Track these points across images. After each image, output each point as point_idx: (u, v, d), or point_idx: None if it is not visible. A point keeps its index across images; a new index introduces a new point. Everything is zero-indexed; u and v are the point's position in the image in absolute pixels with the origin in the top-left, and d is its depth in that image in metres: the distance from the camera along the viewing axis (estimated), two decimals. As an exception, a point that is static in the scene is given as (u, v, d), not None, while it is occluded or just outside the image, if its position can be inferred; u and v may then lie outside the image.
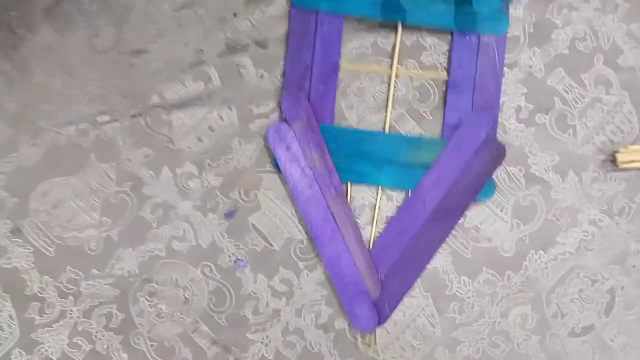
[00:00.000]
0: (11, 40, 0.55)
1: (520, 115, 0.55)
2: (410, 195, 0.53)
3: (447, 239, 0.54)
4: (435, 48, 0.55)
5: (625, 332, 0.54)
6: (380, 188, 0.54)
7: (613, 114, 0.55)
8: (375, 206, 0.54)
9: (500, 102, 0.54)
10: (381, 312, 0.52)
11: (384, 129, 0.54)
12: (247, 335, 0.54)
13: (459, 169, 0.53)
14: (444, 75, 0.55)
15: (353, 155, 0.53)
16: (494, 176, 0.54)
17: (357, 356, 0.53)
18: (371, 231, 0.54)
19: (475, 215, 0.54)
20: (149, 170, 0.54)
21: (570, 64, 0.55)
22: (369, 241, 0.54)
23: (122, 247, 0.54)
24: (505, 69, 0.54)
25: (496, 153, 0.53)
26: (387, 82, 0.55)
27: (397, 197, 0.54)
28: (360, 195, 0.54)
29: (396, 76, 0.54)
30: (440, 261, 0.54)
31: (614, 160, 0.54)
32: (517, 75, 0.55)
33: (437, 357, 0.53)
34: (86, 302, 0.54)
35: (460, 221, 0.53)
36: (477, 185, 0.53)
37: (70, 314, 0.54)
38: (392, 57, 0.55)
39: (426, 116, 0.54)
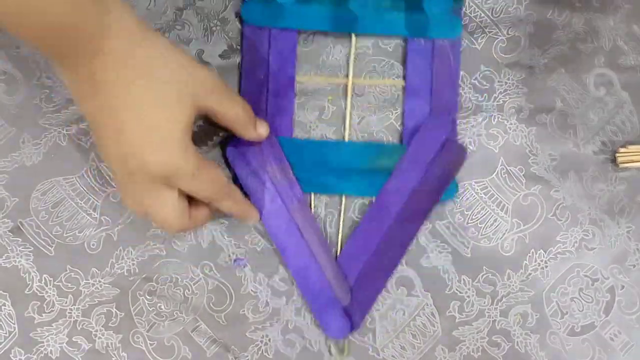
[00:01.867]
0: (13, 40, 0.55)
1: (521, 115, 0.54)
2: (373, 201, 0.53)
3: (447, 238, 0.54)
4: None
5: (626, 331, 0.54)
6: (343, 197, 0.54)
7: (614, 114, 0.55)
8: (339, 215, 0.54)
9: (502, 102, 0.54)
10: (353, 319, 0.52)
11: (343, 137, 0.54)
12: (246, 334, 0.53)
13: (420, 173, 0.52)
14: (400, 82, 0.54)
15: (314, 166, 0.53)
16: (457, 178, 0.53)
17: (357, 356, 0.53)
18: (337, 240, 0.53)
19: (476, 214, 0.54)
20: (149, 170, 0.54)
21: (571, 64, 0.55)
22: (336, 250, 0.53)
23: (122, 246, 0.54)
24: (506, 69, 0.55)
25: (457, 154, 0.53)
26: (344, 92, 0.54)
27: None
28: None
29: (353, 85, 0.54)
30: (440, 260, 0.54)
31: (614, 160, 0.54)
32: (518, 76, 0.55)
33: (437, 356, 0.53)
34: (86, 301, 0.54)
35: (425, 226, 0.53)
36: (439, 187, 0.52)
37: (70, 312, 0.53)
38: (347, 68, 0.54)
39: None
